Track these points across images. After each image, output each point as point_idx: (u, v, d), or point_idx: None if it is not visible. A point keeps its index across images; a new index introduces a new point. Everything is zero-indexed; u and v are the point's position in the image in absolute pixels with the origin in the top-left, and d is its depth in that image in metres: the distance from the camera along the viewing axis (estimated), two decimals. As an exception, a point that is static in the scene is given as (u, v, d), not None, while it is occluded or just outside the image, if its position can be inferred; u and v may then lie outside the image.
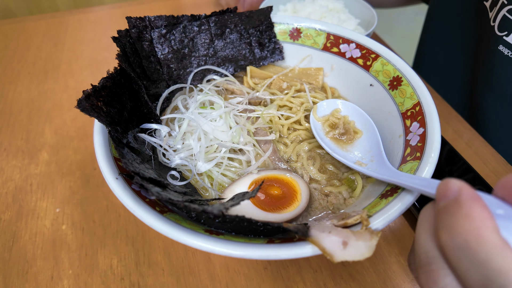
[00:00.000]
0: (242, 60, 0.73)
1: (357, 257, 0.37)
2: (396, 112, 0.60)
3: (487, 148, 0.73)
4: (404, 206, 0.43)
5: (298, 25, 0.74)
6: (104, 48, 1.04)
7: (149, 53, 0.63)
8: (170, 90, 0.65)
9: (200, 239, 0.40)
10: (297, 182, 0.56)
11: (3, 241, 0.61)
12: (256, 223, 0.39)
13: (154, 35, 0.64)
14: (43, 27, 1.12)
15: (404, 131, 0.57)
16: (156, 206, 0.44)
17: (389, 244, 0.58)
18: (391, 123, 0.61)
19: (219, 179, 0.57)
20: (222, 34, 0.70)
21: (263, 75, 0.74)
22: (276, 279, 0.55)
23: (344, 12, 0.94)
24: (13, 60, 1.00)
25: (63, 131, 0.79)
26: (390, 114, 0.61)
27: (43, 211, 0.65)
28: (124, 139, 0.50)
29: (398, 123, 0.59)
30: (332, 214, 0.54)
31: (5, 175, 0.71)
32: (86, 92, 0.47)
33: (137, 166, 0.46)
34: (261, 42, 0.73)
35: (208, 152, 0.59)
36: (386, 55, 0.64)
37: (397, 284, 0.54)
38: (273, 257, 0.39)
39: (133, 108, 0.56)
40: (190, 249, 0.58)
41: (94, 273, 0.56)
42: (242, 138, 0.61)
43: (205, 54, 0.70)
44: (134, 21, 0.61)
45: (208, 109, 0.64)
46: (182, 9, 1.22)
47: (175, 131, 0.60)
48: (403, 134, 0.57)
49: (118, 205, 0.65)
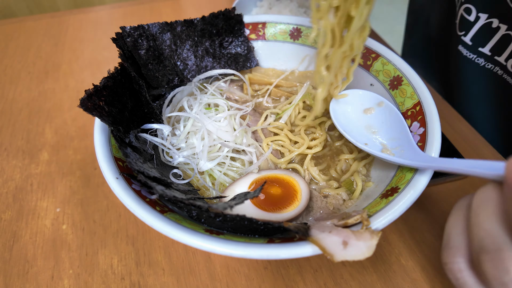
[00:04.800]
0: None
1: (358, 257, 0.37)
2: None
3: (487, 148, 0.73)
4: (404, 206, 0.43)
5: (299, 25, 0.74)
6: (105, 48, 1.04)
7: (147, 61, 0.63)
8: (175, 92, 0.66)
9: (200, 238, 0.40)
10: (297, 182, 0.56)
11: (3, 241, 0.61)
12: (257, 222, 0.39)
13: (150, 43, 0.63)
14: (44, 27, 1.12)
15: (404, 131, 0.57)
16: (156, 206, 0.44)
17: (389, 244, 0.58)
18: (392, 123, 0.60)
19: (221, 178, 0.58)
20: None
21: (263, 81, 0.73)
22: (277, 278, 0.55)
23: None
24: (13, 60, 1.00)
25: (64, 131, 0.79)
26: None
27: (44, 211, 0.65)
28: (126, 138, 0.50)
29: (399, 123, 0.59)
30: (332, 214, 0.54)
31: (6, 175, 0.71)
32: (88, 92, 0.47)
33: (141, 165, 0.46)
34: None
35: (211, 151, 0.59)
36: (387, 55, 0.64)
37: (397, 284, 0.54)
38: (273, 256, 0.39)
39: (134, 107, 0.56)
40: (191, 248, 0.59)
41: (94, 272, 0.56)
42: (245, 139, 0.61)
43: (204, 56, 0.70)
44: (128, 31, 0.60)
45: (212, 110, 0.64)
46: (183, 9, 1.22)
47: (179, 131, 0.61)
48: (404, 134, 0.56)
49: (119, 205, 0.65)
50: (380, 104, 0.61)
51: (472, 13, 0.71)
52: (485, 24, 0.70)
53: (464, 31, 0.75)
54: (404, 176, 0.48)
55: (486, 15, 0.69)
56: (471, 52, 0.76)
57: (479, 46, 0.74)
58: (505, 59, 0.70)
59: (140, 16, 1.17)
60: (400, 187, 0.47)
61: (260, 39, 0.75)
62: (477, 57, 0.75)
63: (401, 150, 0.53)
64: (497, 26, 0.68)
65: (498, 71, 0.72)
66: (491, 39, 0.71)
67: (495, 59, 0.72)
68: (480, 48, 0.74)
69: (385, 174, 0.54)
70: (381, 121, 0.60)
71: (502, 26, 0.68)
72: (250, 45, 0.73)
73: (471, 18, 0.72)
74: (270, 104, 0.72)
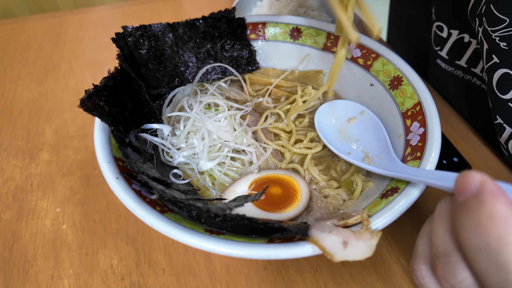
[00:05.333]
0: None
1: (358, 257, 0.37)
2: (396, 112, 0.60)
3: (487, 148, 0.73)
4: (404, 206, 0.43)
5: (299, 25, 0.74)
6: (105, 47, 1.04)
7: (147, 61, 0.63)
8: (175, 92, 0.66)
9: (200, 238, 0.40)
10: (297, 182, 0.56)
11: (3, 240, 0.61)
12: (257, 221, 0.39)
13: (151, 43, 0.63)
14: (44, 27, 1.12)
15: (404, 131, 0.57)
16: (156, 206, 0.44)
17: (389, 244, 0.58)
18: (391, 122, 0.61)
19: (221, 178, 0.58)
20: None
21: (263, 81, 0.73)
22: (277, 278, 0.55)
23: (319, 10, 0.95)
24: (13, 60, 1.00)
25: (64, 131, 0.80)
26: (390, 113, 0.61)
27: (44, 211, 0.65)
28: (126, 138, 0.50)
29: (398, 123, 0.59)
30: (332, 214, 0.54)
31: (6, 175, 0.71)
32: (88, 92, 0.47)
33: (141, 165, 0.46)
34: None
35: (211, 151, 0.59)
36: (387, 55, 0.64)
37: (397, 284, 0.54)
38: (273, 256, 0.39)
39: (134, 107, 0.56)
40: (191, 248, 0.59)
41: (94, 272, 0.56)
42: (245, 139, 0.61)
43: (204, 57, 0.70)
44: (130, 30, 0.60)
45: (212, 110, 0.64)
46: (183, 9, 1.22)
47: (179, 131, 0.61)
48: (403, 133, 0.57)
49: (119, 205, 0.65)
50: (362, 113, 0.64)
51: (444, 30, 0.74)
52: (458, 39, 0.73)
53: (439, 46, 0.78)
54: (404, 176, 0.48)
55: (457, 31, 0.72)
56: (449, 65, 0.78)
57: (455, 59, 0.76)
58: (480, 70, 0.72)
59: (140, 16, 1.17)
60: (400, 187, 0.47)
61: (260, 39, 0.75)
62: (455, 70, 0.78)
63: (381, 158, 0.55)
64: (469, 40, 0.72)
65: (476, 82, 0.75)
66: (465, 52, 0.74)
67: (472, 71, 0.75)
68: (457, 61, 0.76)
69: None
70: (363, 129, 0.62)
71: (472, 40, 0.71)
72: (252, 48, 0.73)
73: (443, 35, 0.75)
74: (270, 104, 0.72)
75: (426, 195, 0.64)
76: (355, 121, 0.63)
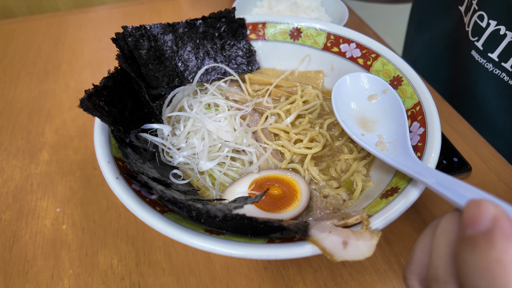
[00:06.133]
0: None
1: (357, 257, 0.37)
2: (397, 112, 0.60)
3: (487, 148, 0.73)
4: (404, 206, 0.43)
5: (299, 25, 0.74)
6: (105, 48, 1.04)
7: (147, 61, 0.63)
8: (175, 92, 0.66)
9: (200, 238, 0.40)
10: (297, 182, 0.56)
11: (3, 240, 0.61)
12: (257, 220, 0.39)
13: (151, 43, 0.63)
14: (44, 27, 1.12)
15: (404, 131, 0.57)
16: (156, 206, 0.44)
17: (389, 244, 0.58)
18: (392, 123, 0.60)
19: (221, 178, 0.58)
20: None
21: (262, 81, 0.73)
22: (277, 278, 0.55)
23: (319, 10, 0.95)
24: (13, 60, 1.00)
25: (64, 131, 0.79)
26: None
27: (44, 211, 0.65)
28: (126, 138, 0.50)
29: (399, 123, 0.59)
30: (332, 214, 0.54)
31: (6, 175, 0.71)
32: (88, 92, 0.47)
33: (141, 165, 0.46)
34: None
35: (211, 151, 0.59)
36: (387, 55, 0.64)
37: (397, 283, 0.54)
38: (273, 257, 0.39)
39: (134, 107, 0.56)
40: (191, 248, 0.59)
41: (94, 272, 0.56)
42: (245, 139, 0.61)
43: (204, 57, 0.70)
44: (130, 30, 0.61)
45: (212, 110, 0.64)
46: (183, 9, 1.22)
47: (179, 131, 0.61)
48: (404, 134, 0.56)
49: (119, 205, 0.65)
50: (385, 91, 0.59)
51: (484, 19, 0.74)
52: (494, 30, 0.73)
53: (477, 36, 0.78)
54: (405, 176, 0.48)
55: (495, 22, 0.72)
56: (482, 57, 0.78)
57: (488, 51, 0.77)
58: (511, 66, 0.73)
59: (140, 16, 1.17)
60: (400, 187, 0.47)
61: (260, 39, 0.75)
62: (486, 62, 0.78)
63: (395, 146, 0.52)
64: (504, 33, 0.71)
65: (504, 77, 0.75)
66: (499, 45, 0.74)
67: (502, 65, 0.75)
68: (489, 54, 0.76)
69: (385, 174, 0.54)
70: (383, 109, 0.58)
71: (508, 33, 0.71)
72: (252, 48, 0.73)
73: (483, 24, 0.75)
74: (270, 104, 0.72)
75: (427, 195, 0.64)
76: (376, 100, 0.59)
